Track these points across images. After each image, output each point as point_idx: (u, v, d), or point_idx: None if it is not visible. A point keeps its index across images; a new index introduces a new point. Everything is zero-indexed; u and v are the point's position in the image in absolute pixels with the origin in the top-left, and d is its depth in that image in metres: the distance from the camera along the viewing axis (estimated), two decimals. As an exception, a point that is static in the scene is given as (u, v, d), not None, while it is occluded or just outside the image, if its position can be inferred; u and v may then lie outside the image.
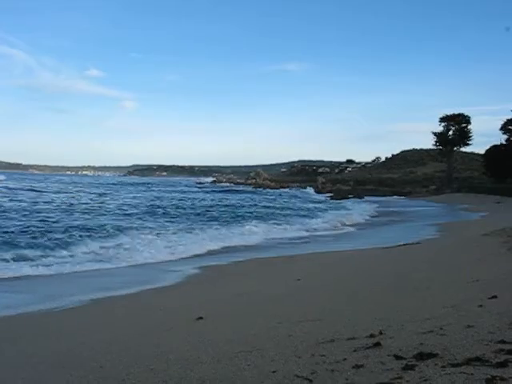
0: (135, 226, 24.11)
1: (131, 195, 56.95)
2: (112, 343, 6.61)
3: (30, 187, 61.17)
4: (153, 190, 73.85)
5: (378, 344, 4.62)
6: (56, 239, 18.36)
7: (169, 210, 36.41)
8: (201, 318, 7.54)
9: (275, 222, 29.62)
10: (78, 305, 9.74)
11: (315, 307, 7.77)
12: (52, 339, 7.23)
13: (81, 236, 19.42)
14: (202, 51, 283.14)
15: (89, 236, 19.54)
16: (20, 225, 22.20)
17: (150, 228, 23.55)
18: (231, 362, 4.84)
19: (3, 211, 28.83)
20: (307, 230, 26.19)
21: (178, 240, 20.15)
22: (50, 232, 20.08)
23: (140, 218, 28.68)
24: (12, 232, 19.72)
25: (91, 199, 45.88)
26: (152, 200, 48.07)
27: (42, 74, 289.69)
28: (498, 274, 8.84)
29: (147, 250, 17.32)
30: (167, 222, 27.49)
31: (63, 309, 9.45)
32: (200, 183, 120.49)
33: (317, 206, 48.74)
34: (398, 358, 4.11)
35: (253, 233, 23.94)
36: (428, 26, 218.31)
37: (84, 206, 37.15)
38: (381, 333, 5.10)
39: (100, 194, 54.75)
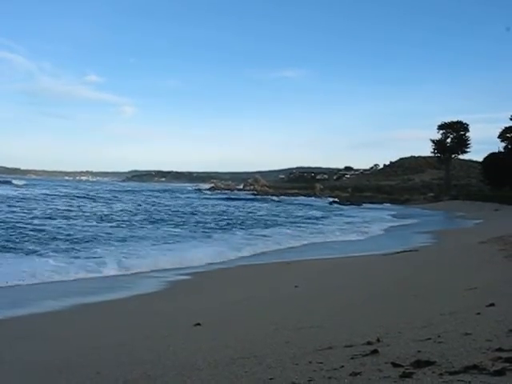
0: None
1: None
2: (108, 349, 6.60)
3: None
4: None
5: (375, 351, 4.61)
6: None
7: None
8: (198, 324, 7.53)
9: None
10: (73, 310, 9.72)
11: (313, 314, 7.77)
12: (49, 344, 7.21)
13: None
14: (202, 57, 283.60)
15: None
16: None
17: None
18: (228, 369, 4.83)
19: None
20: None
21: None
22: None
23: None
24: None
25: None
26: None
27: (41, 80, 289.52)
28: (496, 282, 8.84)
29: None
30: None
31: (58, 313, 9.44)
32: (199, 189, 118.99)
33: (317, 214, 48.50)
34: (395, 365, 4.10)
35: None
36: (427, 34, 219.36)
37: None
38: (378, 340, 5.09)
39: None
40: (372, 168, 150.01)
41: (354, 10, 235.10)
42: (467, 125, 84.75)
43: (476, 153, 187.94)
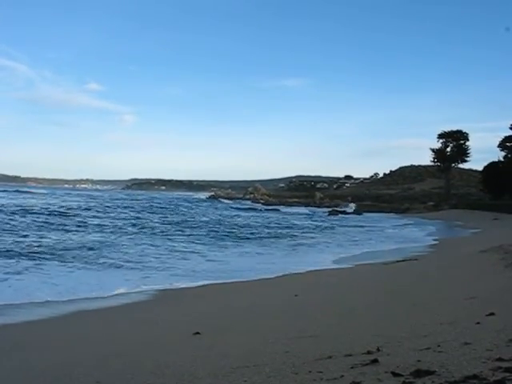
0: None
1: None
2: (108, 357, 6.57)
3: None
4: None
5: (375, 361, 4.61)
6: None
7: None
8: (198, 333, 7.51)
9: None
10: (73, 316, 9.69)
11: (313, 323, 7.75)
12: (46, 352, 7.18)
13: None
14: (202, 65, 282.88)
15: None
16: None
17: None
18: (228, 378, 4.82)
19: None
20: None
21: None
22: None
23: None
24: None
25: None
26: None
27: (42, 87, 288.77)
28: (496, 291, 8.83)
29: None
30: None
31: (55, 319, 9.42)
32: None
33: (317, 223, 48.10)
34: (395, 374, 4.09)
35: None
36: (426, 42, 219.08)
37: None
38: (378, 349, 5.08)
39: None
40: (372, 177, 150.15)
41: (354, 19, 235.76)
42: (467, 134, 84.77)
43: (476, 162, 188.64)
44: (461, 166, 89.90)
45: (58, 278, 14.03)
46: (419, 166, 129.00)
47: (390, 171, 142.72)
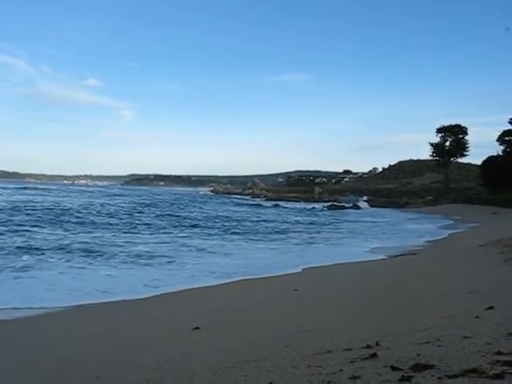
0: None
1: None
2: (107, 352, 6.59)
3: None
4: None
5: (374, 355, 4.61)
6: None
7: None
8: (197, 327, 7.52)
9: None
10: (71, 312, 9.70)
11: (312, 318, 7.76)
12: (47, 348, 7.18)
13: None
14: (201, 61, 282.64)
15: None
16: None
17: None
18: (227, 373, 4.83)
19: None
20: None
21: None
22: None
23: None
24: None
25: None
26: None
27: (41, 84, 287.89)
28: (495, 285, 8.85)
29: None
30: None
31: (53, 314, 9.41)
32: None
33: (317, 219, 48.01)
34: (394, 369, 4.10)
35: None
36: (426, 38, 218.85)
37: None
38: (377, 344, 5.09)
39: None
40: (371, 171, 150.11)
41: (353, 14, 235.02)
42: (466, 128, 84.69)
43: (474, 156, 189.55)
44: (460, 160, 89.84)
45: (65, 277, 13.83)
46: (418, 160, 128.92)
47: (389, 166, 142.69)
